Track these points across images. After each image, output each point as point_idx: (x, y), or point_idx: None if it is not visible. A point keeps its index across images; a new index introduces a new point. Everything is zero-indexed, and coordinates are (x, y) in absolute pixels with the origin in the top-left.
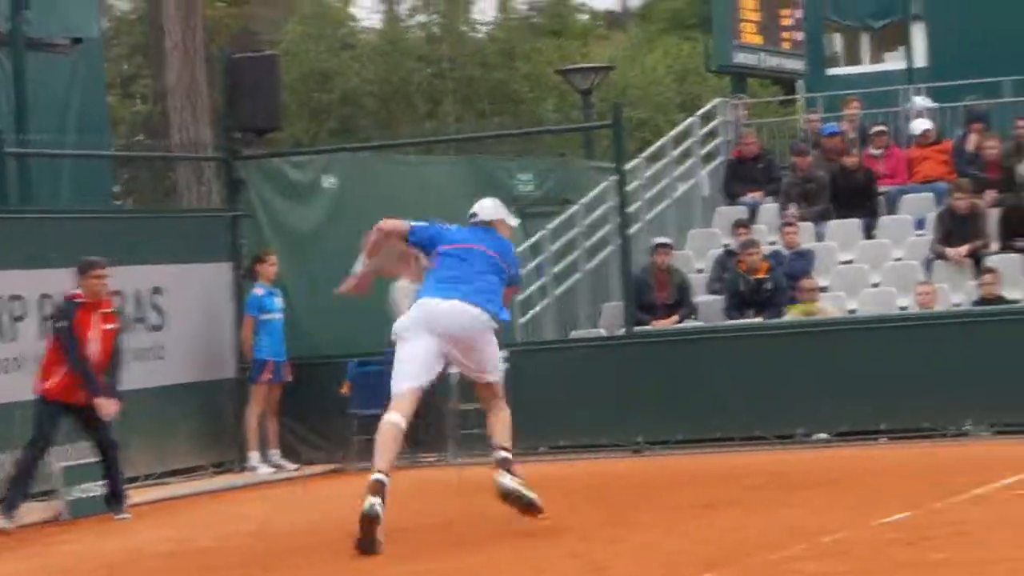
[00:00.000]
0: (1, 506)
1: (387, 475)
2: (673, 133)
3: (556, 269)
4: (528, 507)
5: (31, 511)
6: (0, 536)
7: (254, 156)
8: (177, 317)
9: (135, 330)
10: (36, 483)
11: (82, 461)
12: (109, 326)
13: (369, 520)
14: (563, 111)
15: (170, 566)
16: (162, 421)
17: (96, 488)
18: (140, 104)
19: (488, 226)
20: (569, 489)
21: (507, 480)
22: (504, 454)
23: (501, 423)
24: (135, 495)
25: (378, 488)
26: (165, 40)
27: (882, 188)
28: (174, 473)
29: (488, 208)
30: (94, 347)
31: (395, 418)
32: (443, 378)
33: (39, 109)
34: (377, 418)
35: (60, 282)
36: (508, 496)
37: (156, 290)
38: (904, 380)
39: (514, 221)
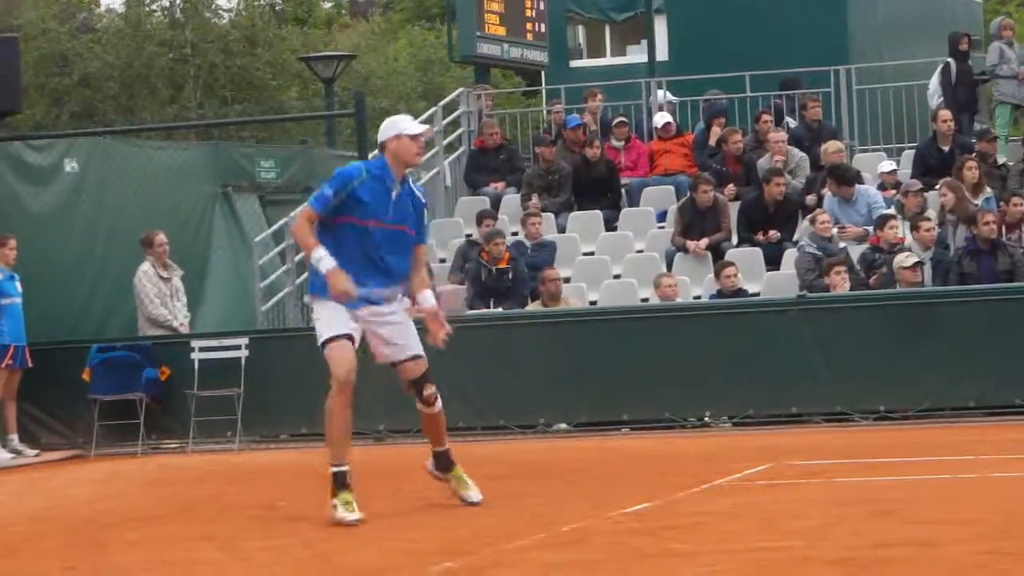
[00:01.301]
0: None
1: None
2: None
3: (299, 257)
4: None
5: None
6: None
7: None
8: None
9: None
10: None
11: None
12: None
13: None
14: (306, 99)
15: None
16: None
17: None
18: None
19: (380, 154)
20: (306, 476)
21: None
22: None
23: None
24: None
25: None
26: None
27: (624, 180)
28: None
29: (381, 130)
30: None
31: None
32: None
33: None
34: (117, 403)
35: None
36: None
37: None
38: (645, 371)
39: (416, 128)
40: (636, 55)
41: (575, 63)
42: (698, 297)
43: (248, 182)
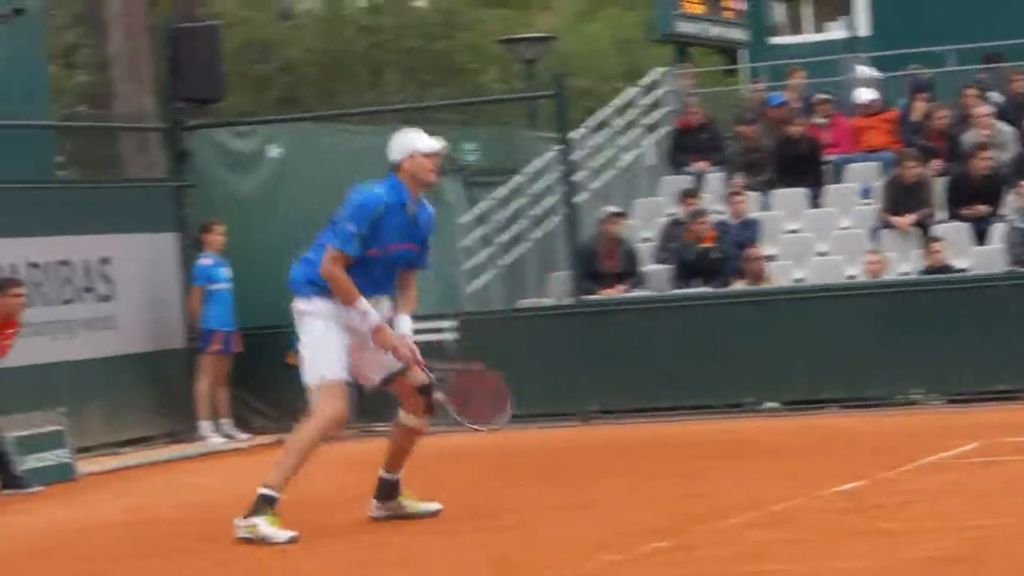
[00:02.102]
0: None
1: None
2: (616, 103)
3: (503, 239)
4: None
5: None
6: None
7: (198, 126)
8: (126, 287)
9: (85, 300)
10: None
11: (35, 430)
12: (7, 342)
13: None
14: (506, 81)
15: (123, 536)
16: (114, 391)
17: (51, 457)
18: (83, 75)
19: (392, 175)
20: (517, 459)
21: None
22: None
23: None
24: (88, 465)
25: None
26: (106, 10)
27: (827, 157)
28: (127, 443)
29: (392, 148)
30: None
31: None
32: None
33: None
34: None
35: (6, 253)
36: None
37: (104, 260)
38: (853, 349)
39: (430, 145)
40: (836, 31)
41: (775, 40)
42: (905, 273)
43: (450, 165)
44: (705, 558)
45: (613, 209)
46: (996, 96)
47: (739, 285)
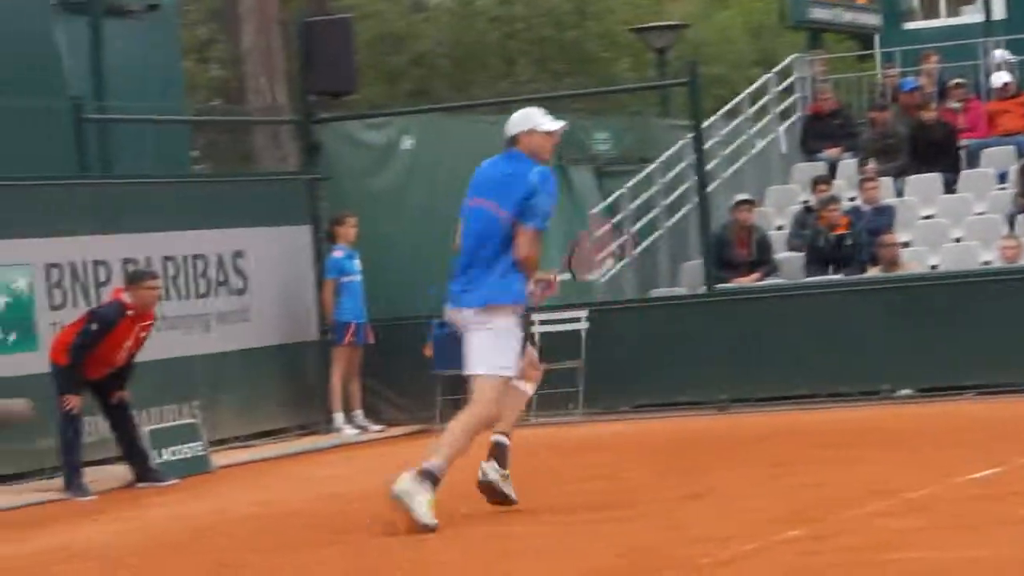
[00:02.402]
0: (64, 485)
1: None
2: (749, 90)
3: (635, 227)
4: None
5: (108, 477)
6: (87, 505)
7: (331, 119)
8: (259, 280)
9: (219, 293)
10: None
11: (170, 424)
12: (143, 335)
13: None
14: (638, 70)
15: (257, 527)
16: (248, 383)
17: (186, 450)
18: (216, 69)
19: (512, 148)
20: (650, 447)
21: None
22: (499, 438)
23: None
24: (223, 457)
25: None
26: (240, 5)
27: (962, 142)
28: (261, 435)
29: (511, 122)
30: (123, 355)
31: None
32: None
33: (117, 76)
34: (460, 379)
35: (142, 247)
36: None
37: (238, 254)
38: (989, 335)
39: (552, 125)
40: (971, 15)
41: (909, 25)
42: None
43: (583, 154)
44: (840, 547)
45: (745, 197)
46: None
47: (873, 272)
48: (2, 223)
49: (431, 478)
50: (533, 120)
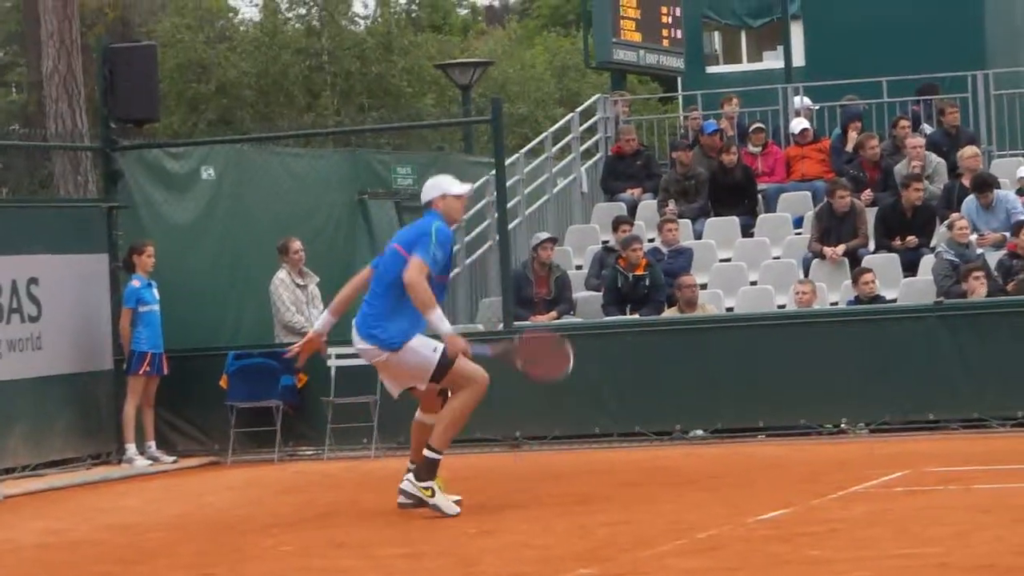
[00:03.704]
0: None
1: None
2: (553, 129)
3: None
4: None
5: None
6: None
7: (132, 147)
8: (54, 308)
9: (11, 320)
10: None
11: None
12: None
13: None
14: (442, 106)
15: (42, 557)
16: (39, 412)
17: None
18: (15, 94)
19: (428, 210)
20: (444, 482)
21: (407, 484)
22: (427, 453)
23: (438, 421)
24: (11, 486)
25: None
26: (41, 29)
27: (761, 186)
28: (51, 464)
29: (424, 190)
30: None
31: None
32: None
33: None
34: (253, 411)
35: None
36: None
37: (32, 280)
38: (781, 378)
39: (460, 188)
40: (773, 60)
41: (712, 69)
42: (835, 303)
43: (385, 189)
44: None
45: (546, 235)
46: (929, 128)
47: (670, 313)
48: None
49: (433, 463)
50: (443, 187)
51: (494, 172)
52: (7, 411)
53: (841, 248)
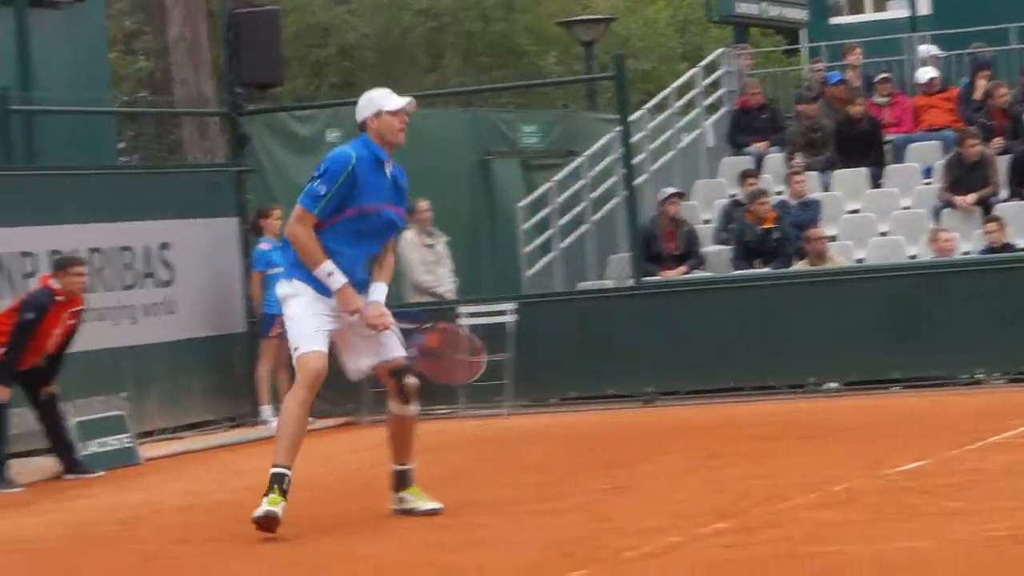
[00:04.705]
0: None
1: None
2: (676, 84)
3: (563, 221)
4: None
5: (35, 470)
6: (14, 498)
7: (258, 111)
8: (186, 272)
9: (145, 285)
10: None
11: (97, 416)
12: (72, 322)
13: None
14: (565, 64)
15: (185, 519)
16: (175, 375)
17: (112, 442)
18: (142, 61)
19: (362, 134)
20: (577, 440)
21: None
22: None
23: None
24: (150, 449)
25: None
26: None
27: (888, 137)
28: (188, 427)
29: (358, 108)
30: (54, 342)
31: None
32: None
33: (42, 67)
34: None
35: (68, 238)
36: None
37: (164, 245)
38: (916, 329)
39: (397, 103)
40: (897, 9)
41: (835, 20)
42: (967, 253)
43: (509, 148)
44: (766, 539)
45: (673, 190)
46: None
47: (800, 266)
48: None
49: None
50: (377, 102)
51: (619, 129)
52: (144, 375)
53: (972, 197)
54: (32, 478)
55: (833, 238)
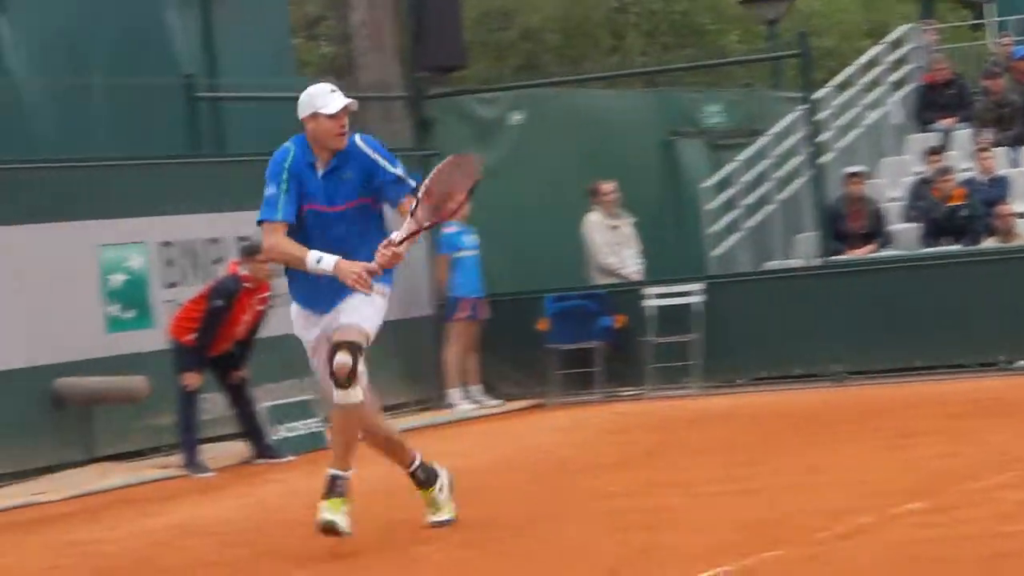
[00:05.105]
0: (183, 462)
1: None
2: (862, 60)
3: (748, 201)
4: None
5: (226, 454)
6: (206, 482)
7: (442, 94)
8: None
9: None
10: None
11: (288, 400)
12: (260, 308)
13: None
14: (748, 42)
15: (372, 504)
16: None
17: (302, 427)
18: (326, 46)
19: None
20: (765, 420)
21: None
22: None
23: None
24: None
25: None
26: None
27: None
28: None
29: (298, 106)
30: (243, 328)
31: None
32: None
33: (228, 53)
34: (574, 352)
35: (252, 223)
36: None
37: None
38: None
39: (334, 105)
40: None
41: None
42: None
43: (694, 128)
44: (961, 519)
45: (854, 169)
46: None
47: (990, 243)
48: (117, 202)
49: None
50: (315, 103)
51: (804, 107)
52: None
53: None
54: (223, 463)
55: (1023, 215)
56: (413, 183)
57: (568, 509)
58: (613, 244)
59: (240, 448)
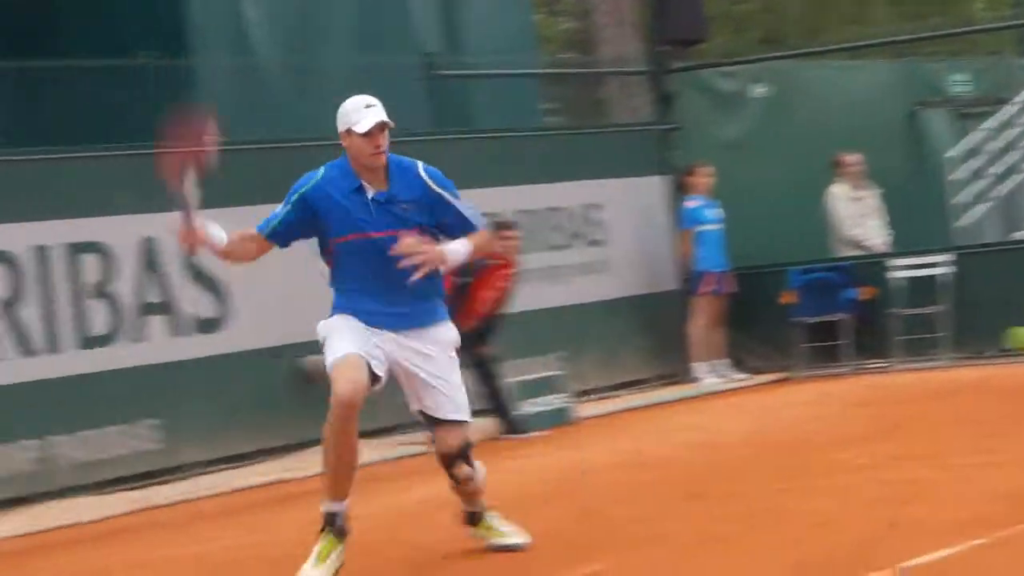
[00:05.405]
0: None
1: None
2: None
3: (996, 170)
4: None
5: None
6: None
7: (683, 68)
8: (616, 231)
9: (576, 245)
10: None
11: (535, 376)
12: (504, 284)
13: None
14: (994, 9)
15: (619, 478)
16: (609, 335)
17: (549, 401)
18: (566, 21)
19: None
20: (1016, 392)
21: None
22: None
23: None
24: (585, 408)
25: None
26: None
27: None
28: (620, 386)
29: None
30: (487, 305)
31: None
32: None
33: (469, 31)
34: (820, 325)
35: (499, 200)
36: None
37: (593, 206)
38: None
39: (366, 123)
40: None
41: None
42: None
43: (939, 98)
44: None
45: None
46: None
47: None
48: None
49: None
50: (349, 118)
51: None
52: (579, 335)
53: None
54: (472, 438)
55: None
56: (477, 223)
57: (815, 482)
58: (857, 216)
59: (488, 424)
